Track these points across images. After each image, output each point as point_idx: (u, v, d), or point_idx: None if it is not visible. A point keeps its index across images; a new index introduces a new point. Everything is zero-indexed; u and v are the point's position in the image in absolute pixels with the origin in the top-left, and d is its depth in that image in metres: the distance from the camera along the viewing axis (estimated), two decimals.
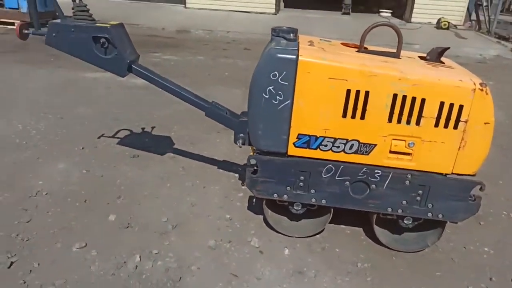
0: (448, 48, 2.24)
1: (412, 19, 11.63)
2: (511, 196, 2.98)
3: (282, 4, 13.21)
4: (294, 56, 1.95)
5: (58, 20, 2.34)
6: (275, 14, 11.95)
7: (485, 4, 11.39)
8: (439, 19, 10.99)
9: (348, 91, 1.95)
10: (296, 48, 1.99)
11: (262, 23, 10.02)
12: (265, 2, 11.84)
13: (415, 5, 11.59)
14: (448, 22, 10.88)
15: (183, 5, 11.96)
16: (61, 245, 2.20)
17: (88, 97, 4.54)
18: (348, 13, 12.81)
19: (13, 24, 8.12)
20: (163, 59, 6.67)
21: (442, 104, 1.92)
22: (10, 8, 8.10)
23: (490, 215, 2.72)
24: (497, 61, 8.33)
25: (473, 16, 11.81)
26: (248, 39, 8.78)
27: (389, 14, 12.96)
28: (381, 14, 13.04)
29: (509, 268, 2.22)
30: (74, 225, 2.37)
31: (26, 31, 2.37)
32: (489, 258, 2.30)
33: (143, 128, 3.75)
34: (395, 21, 11.88)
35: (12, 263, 2.04)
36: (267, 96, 2.03)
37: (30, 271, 2.00)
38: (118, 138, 3.53)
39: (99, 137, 3.49)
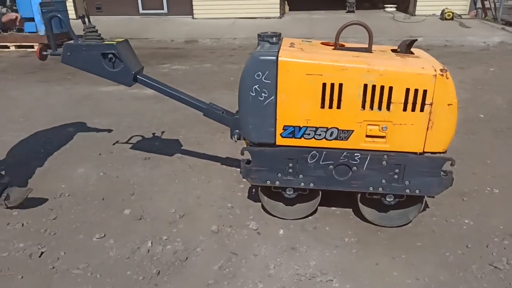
0: (416, 40, 2.45)
1: (416, 12, 11.70)
2: (497, 173, 3.15)
3: (287, 7, 13.48)
4: (274, 57, 2.21)
5: (72, 41, 2.68)
6: (280, 18, 12.22)
7: None
8: (443, 10, 11.03)
9: (324, 85, 2.20)
10: (276, 50, 2.26)
11: (267, 27, 10.27)
12: (269, 6, 12.12)
13: None
14: (452, 13, 10.91)
15: (191, 16, 12.37)
16: (83, 236, 2.51)
17: (103, 109, 4.91)
18: (352, 11, 12.95)
19: (32, 47, 8.66)
20: (171, 69, 7.03)
21: (408, 90, 2.15)
22: (29, 32, 8.64)
23: (474, 191, 2.90)
24: (501, 47, 8.36)
25: (479, 4, 11.79)
26: (253, 44, 9.02)
27: (394, 9, 13.06)
28: (386, 9, 13.15)
29: (486, 236, 2.41)
30: (94, 219, 2.68)
31: (45, 53, 2.72)
32: (468, 228, 2.50)
33: (153, 133, 4.08)
34: (400, 15, 12.01)
35: (42, 253, 2.36)
36: (253, 94, 2.30)
37: (58, 258, 2.32)
38: (131, 143, 3.86)
39: (114, 144, 3.83)
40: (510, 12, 11.99)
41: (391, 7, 13.12)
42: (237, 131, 2.61)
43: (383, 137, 2.26)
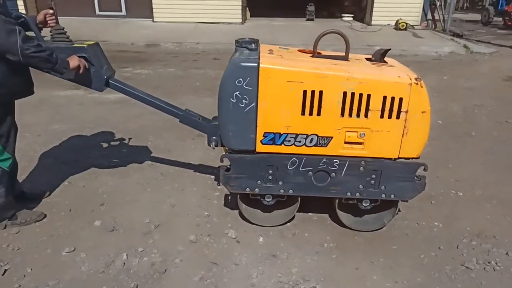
0: (389, 49, 2.53)
1: (372, 22, 12.20)
2: (459, 177, 3.33)
3: (248, 13, 13.56)
4: (256, 64, 2.20)
5: None
6: (242, 24, 12.27)
7: (439, 4, 12.10)
8: (397, 21, 11.58)
9: (305, 92, 2.22)
10: (257, 57, 2.25)
11: (230, 33, 10.30)
12: (231, 12, 12.13)
13: (374, 8, 12.17)
14: (406, 23, 11.48)
15: (151, 19, 12.11)
16: (51, 250, 2.35)
17: (62, 114, 4.66)
18: (312, 19, 13.27)
19: None
20: (134, 73, 6.83)
21: (385, 98, 2.21)
22: None
23: (440, 194, 3.04)
24: (451, 57, 8.90)
25: (429, 16, 12.51)
26: (217, 49, 9.02)
27: (351, 18, 13.53)
28: (343, 18, 13.60)
29: (455, 238, 2.53)
30: (62, 232, 2.52)
31: None
32: (438, 231, 2.61)
33: (120, 140, 3.92)
34: (357, 24, 12.46)
35: (5, 270, 2.19)
36: (234, 101, 2.27)
37: (24, 275, 2.15)
38: (96, 151, 3.68)
39: (78, 152, 3.64)
40: (456, 24, 12.88)
41: (348, 16, 13.60)
42: (215, 137, 2.56)
43: (361, 143, 2.31)
